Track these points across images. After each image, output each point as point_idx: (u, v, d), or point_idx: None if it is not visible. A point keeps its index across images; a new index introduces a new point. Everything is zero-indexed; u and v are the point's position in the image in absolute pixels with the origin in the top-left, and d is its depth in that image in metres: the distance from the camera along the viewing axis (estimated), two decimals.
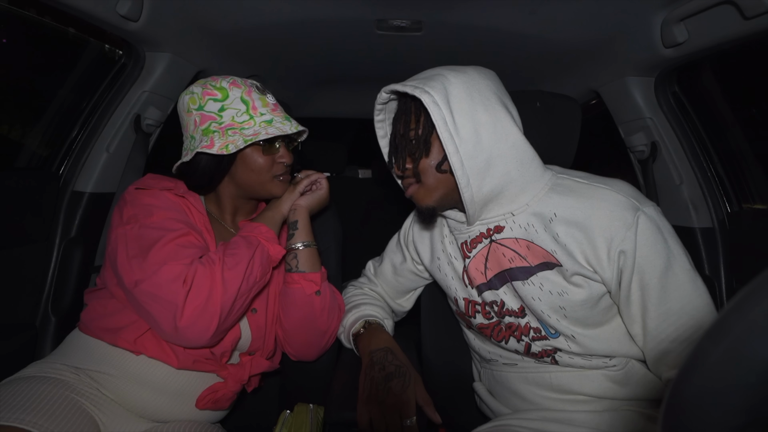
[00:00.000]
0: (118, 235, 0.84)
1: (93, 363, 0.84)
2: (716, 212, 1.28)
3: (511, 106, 0.82)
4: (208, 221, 0.95)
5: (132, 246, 0.81)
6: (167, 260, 0.79)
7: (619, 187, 0.77)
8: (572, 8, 1.13)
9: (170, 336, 0.81)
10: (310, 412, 1.01)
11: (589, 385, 0.79)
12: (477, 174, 0.76)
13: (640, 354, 0.79)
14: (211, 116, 0.89)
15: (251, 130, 0.89)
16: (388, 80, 0.90)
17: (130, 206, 0.87)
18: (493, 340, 0.89)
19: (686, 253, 0.76)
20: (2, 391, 0.76)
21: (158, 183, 0.93)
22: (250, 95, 0.91)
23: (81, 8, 1.00)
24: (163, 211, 0.86)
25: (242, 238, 0.89)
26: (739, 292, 0.27)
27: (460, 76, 0.78)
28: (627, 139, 1.44)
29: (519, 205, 0.81)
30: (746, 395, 0.26)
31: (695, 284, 0.73)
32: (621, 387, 0.78)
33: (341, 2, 1.18)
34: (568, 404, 0.81)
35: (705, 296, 0.73)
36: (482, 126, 0.75)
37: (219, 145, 0.87)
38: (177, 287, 0.76)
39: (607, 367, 0.78)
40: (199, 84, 0.92)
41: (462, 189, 0.77)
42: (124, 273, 0.80)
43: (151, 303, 0.78)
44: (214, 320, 0.78)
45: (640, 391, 0.77)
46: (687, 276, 0.73)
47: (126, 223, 0.84)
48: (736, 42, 0.98)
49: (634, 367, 0.79)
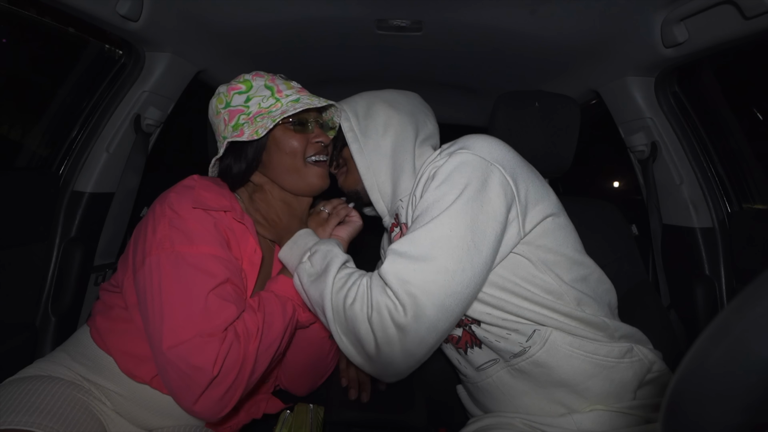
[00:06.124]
0: (151, 263, 0.74)
1: (103, 379, 0.80)
2: (716, 212, 1.28)
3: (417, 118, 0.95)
4: (259, 247, 0.88)
5: (166, 285, 0.73)
6: (201, 326, 0.71)
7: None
8: (572, 8, 1.13)
9: (182, 407, 0.75)
10: (310, 412, 1.01)
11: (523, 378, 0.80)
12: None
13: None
14: (239, 109, 0.88)
15: (279, 111, 0.86)
16: (388, 80, 0.91)
17: (169, 224, 0.77)
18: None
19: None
20: (8, 391, 0.74)
21: (217, 200, 0.83)
22: (273, 81, 0.90)
23: (81, 8, 1.00)
24: (206, 246, 0.77)
25: (279, 305, 0.83)
26: (739, 292, 0.27)
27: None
28: (627, 139, 1.44)
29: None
30: (746, 395, 0.26)
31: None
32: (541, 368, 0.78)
33: (341, 2, 1.18)
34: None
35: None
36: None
37: (249, 132, 0.84)
38: (205, 371, 0.69)
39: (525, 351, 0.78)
40: (224, 85, 0.91)
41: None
42: (152, 325, 0.72)
43: (171, 372, 0.71)
44: (232, 401, 0.74)
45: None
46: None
47: (160, 246, 0.75)
48: (736, 42, 0.98)
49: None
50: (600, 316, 0.79)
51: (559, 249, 0.79)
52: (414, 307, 0.65)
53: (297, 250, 0.85)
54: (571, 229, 0.85)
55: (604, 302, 0.83)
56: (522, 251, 0.77)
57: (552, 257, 0.78)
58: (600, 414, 0.76)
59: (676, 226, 1.33)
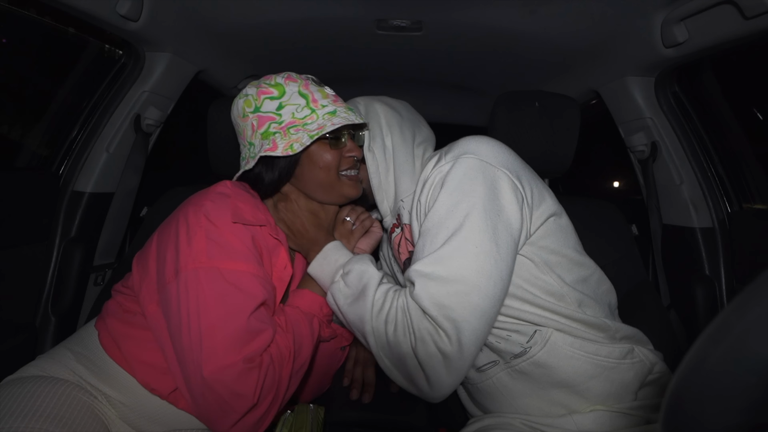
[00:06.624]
0: (187, 278, 0.69)
1: (109, 388, 0.76)
2: (716, 212, 1.28)
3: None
4: (290, 263, 0.85)
5: (205, 304, 0.68)
6: (243, 351, 0.67)
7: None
8: (572, 8, 1.13)
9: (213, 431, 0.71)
10: (311, 412, 1.01)
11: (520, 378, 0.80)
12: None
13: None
14: (269, 116, 0.81)
15: (315, 124, 0.80)
16: (388, 80, 0.91)
17: (206, 237, 0.72)
18: None
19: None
20: (9, 392, 0.71)
21: (254, 214, 0.79)
22: (307, 88, 0.83)
23: (81, 8, 1.00)
24: (245, 263, 0.73)
25: (307, 324, 0.81)
26: (739, 292, 0.27)
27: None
28: (627, 139, 1.44)
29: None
30: (746, 395, 0.26)
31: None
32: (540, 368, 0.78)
33: (341, 2, 1.18)
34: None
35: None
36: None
37: (283, 146, 0.79)
38: (247, 398, 0.67)
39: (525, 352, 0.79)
40: (252, 85, 0.84)
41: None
42: (187, 347, 0.67)
43: (210, 397, 0.66)
44: (265, 425, 0.72)
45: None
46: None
47: (196, 259, 0.70)
48: (736, 42, 0.98)
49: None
50: (601, 317, 0.79)
51: (561, 250, 0.79)
52: (455, 331, 0.66)
53: (328, 266, 0.83)
54: (572, 229, 0.85)
55: (605, 303, 0.83)
56: (525, 252, 0.77)
57: (554, 258, 0.78)
58: (600, 414, 0.76)
59: (676, 226, 1.33)
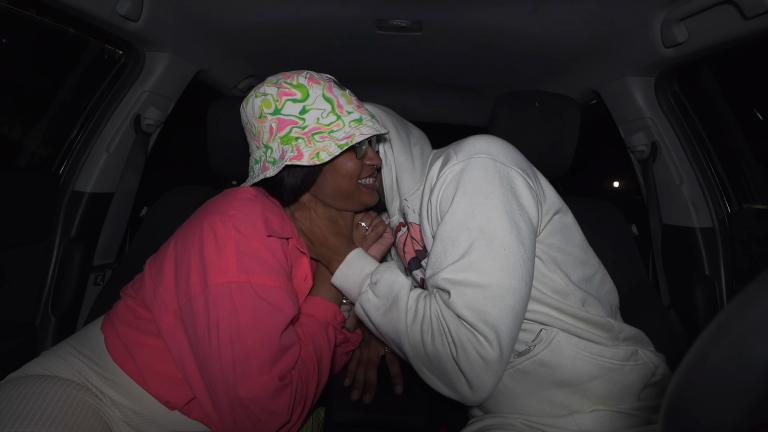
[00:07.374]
0: (218, 292, 0.66)
1: (118, 395, 0.72)
2: (716, 212, 1.28)
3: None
4: (311, 274, 0.84)
5: (237, 320, 0.66)
6: (277, 368, 0.66)
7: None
8: (572, 8, 1.13)
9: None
10: (311, 412, 1.01)
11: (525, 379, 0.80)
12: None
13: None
14: (291, 120, 0.76)
15: (342, 133, 0.76)
16: (388, 80, 0.90)
17: (236, 249, 0.69)
18: None
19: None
20: (10, 393, 0.68)
21: (282, 225, 0.77)
22: (332, 91, 0.78)
23: (81, 8, 1.00)
24: (275, 278, 0.71)
25: (324, 334, 0.80)
26: (739, 292, 0.27)
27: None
28: (627, 139, 1.44)
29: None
30: (746, 395, 0.26)
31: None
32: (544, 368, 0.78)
33: (341, 2, 1.18)
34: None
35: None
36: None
37: (309, 154, 0.74)
38: (281, 416, 0.66)
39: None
40: (271, 83, 0.78)
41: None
42: (218, 364, 0.65)
43: (242, 414, 0.65)
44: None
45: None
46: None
47: (226, 272, 0.67)
48: (736, 42, 0.98)
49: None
50: (604, 316, 0.79)
51: (567, 247, 0.80)
52: (495, 335, 0.66)
53: (353, 276, 0.82)
54: (577, 228, 0.85)
55: (607, 303, 0.83)
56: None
57: (561, 256, 0.79)
58: (601, 414, 0.76)
59: (676, 226, 1.33)
